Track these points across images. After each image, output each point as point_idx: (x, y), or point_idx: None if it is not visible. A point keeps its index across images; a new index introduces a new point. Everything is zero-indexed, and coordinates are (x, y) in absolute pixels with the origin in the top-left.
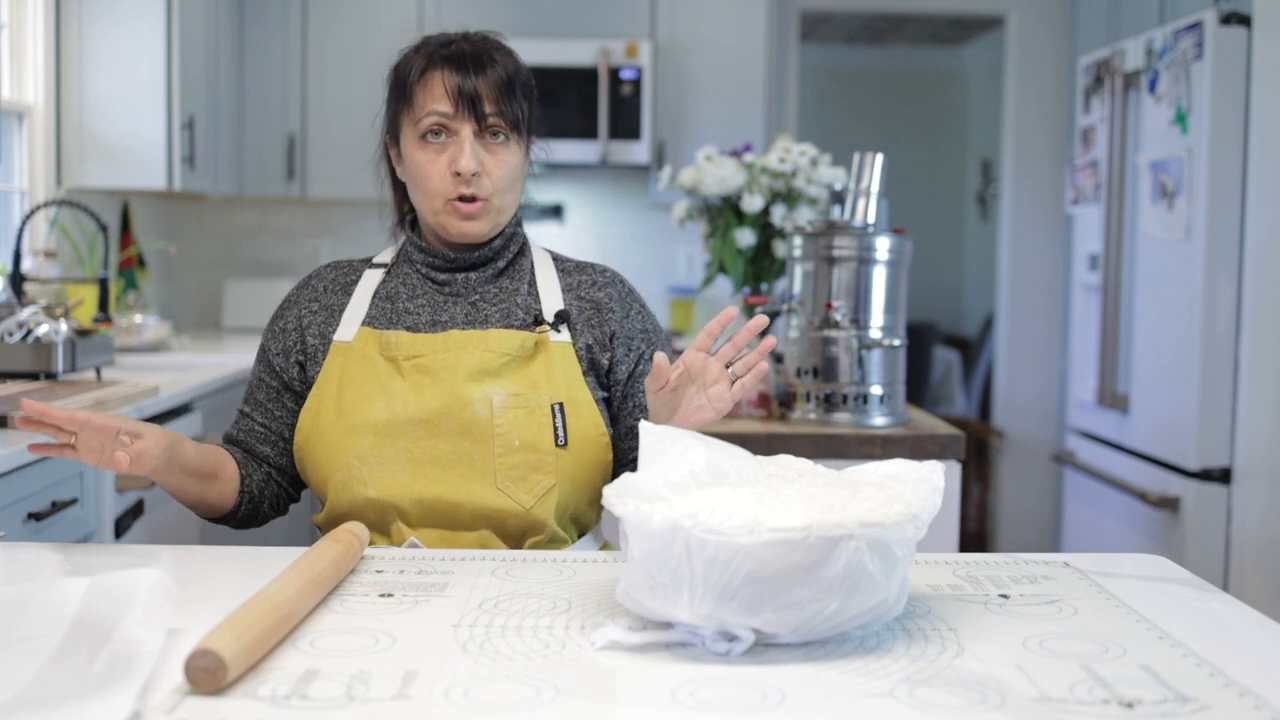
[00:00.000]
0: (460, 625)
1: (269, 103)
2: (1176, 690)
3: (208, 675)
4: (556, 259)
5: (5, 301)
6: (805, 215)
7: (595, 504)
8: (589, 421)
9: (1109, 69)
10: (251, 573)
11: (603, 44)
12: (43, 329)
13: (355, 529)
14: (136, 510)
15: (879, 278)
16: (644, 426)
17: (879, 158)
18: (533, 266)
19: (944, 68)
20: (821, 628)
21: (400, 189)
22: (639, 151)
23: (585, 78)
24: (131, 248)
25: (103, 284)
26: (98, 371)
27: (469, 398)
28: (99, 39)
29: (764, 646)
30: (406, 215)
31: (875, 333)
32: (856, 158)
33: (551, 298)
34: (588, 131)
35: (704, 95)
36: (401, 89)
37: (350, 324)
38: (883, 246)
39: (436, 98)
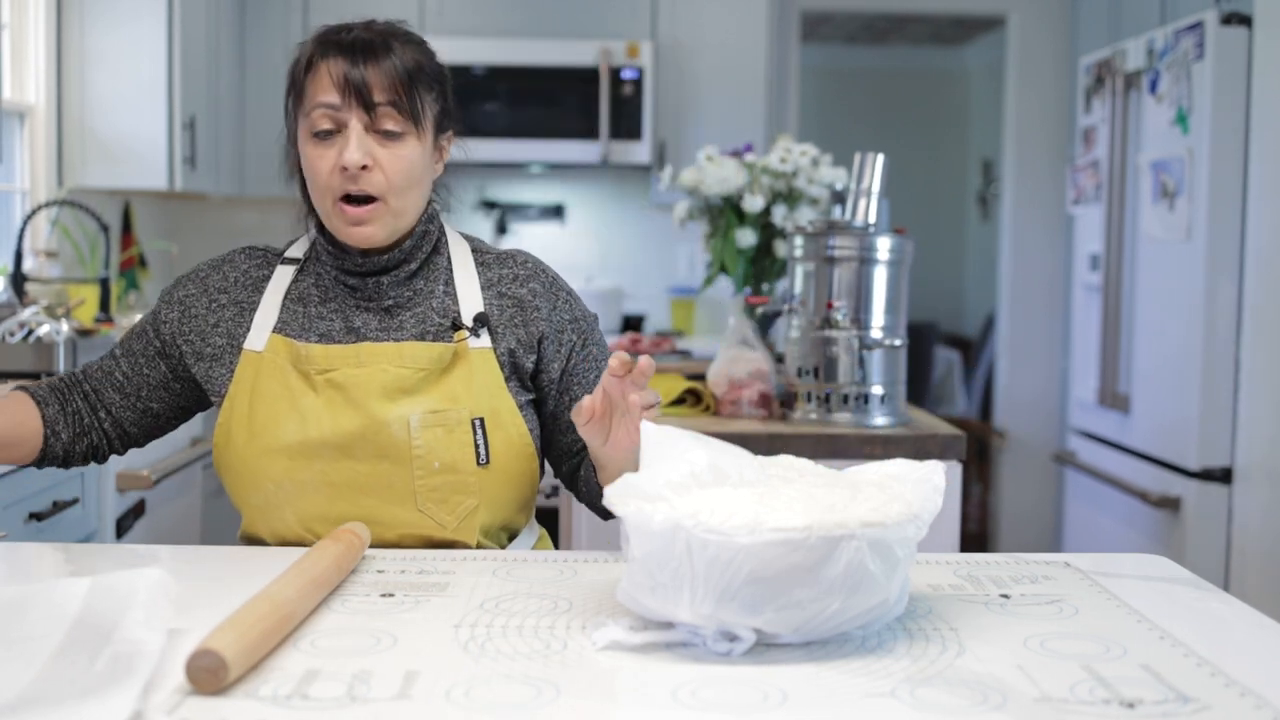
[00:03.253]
0: (461, 625)
1: (270, 102)
2: (1177, 690)
3: (209, 675)
4: (475, 250)
5: (6, 301)
6: (806, 215)
7: (525, 509)
8: (512, 433)
9: (1110, 69)
10: (253, 573)
11: (603, 44)
12: (44, 329)
13: (356, 529)
14: (138, 510)
15: (880, 278)
16: (645, 426)
17: (880, 158)
18: (449, 263)
19: (945, 68)
20: (823, 628)
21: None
22: (640, 152)
23: (586, 78)
24: (133, 248)
25: (104, 284)
26: None
27: (385, 418)
28: (100, 39)
29: (765, 646)
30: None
31: (876, 333)
32: (857, 158)
33: (470, 297)
34: (588, 132)
35: (705, 95)
36: (292, 82)
37: (261, 330)
38: (884, 246)
39: (324, 88)
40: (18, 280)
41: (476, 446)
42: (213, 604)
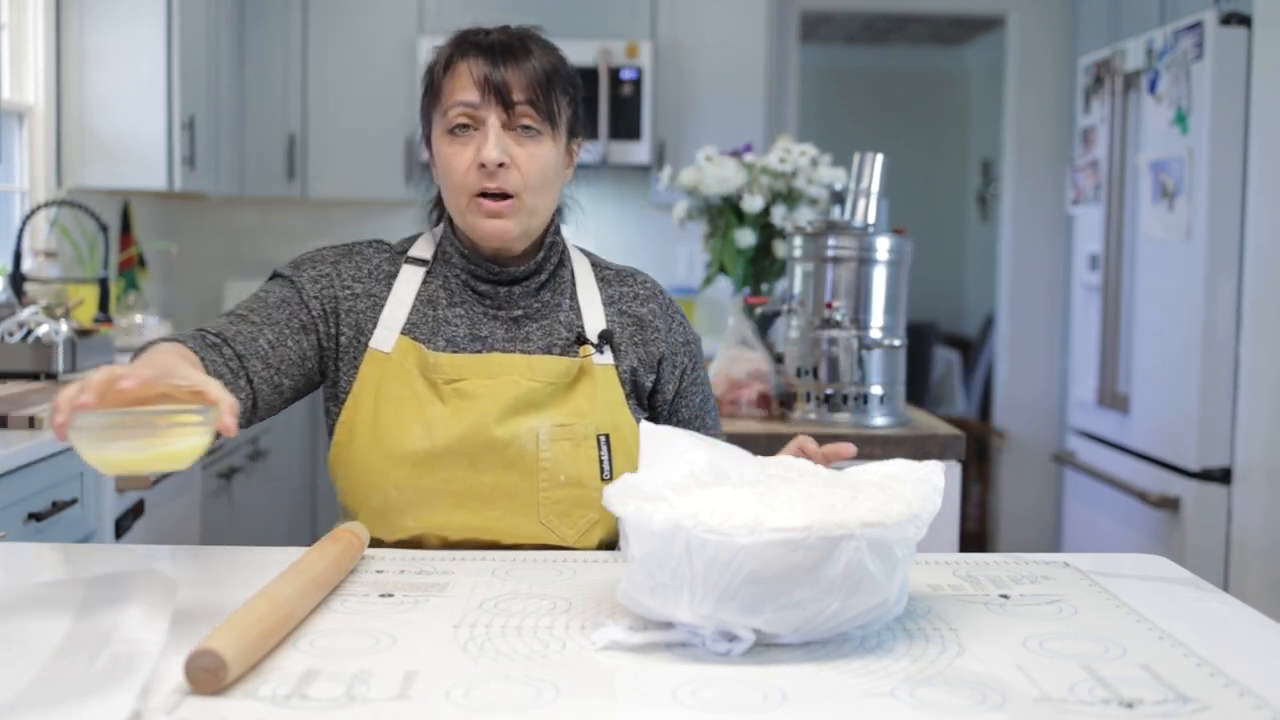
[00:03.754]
0: (460, 625)
1: (269, 102)
2: (1177, 690)
3: (208, 675)
4: (595, 265)
5: (5, 301)
6: (805, 215)
7: None
8: (633, 450)
9: (1109, 69)
10: (252, 573)
11: (603, 44)
12: (43, 329)
13: (356, 529)
14: (137, 510)
15: (879, 278)
16: (644, 427)
17: (879, 158)
18: (573, 276)
19: (944, 68)
20: (822, 628)
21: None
22: (639, 152)
23: (586, 78)
24: (132, 248)
25: (103, 284)
26: None
27: (514, 431)
28: (99, 39)
29: (765, 646)
30: (441, 213)
31: (875, 333)
32: (857, 158)
33: (593, 313)
34: (588, 132)
35: (704, 95)
36: (430, 81)
37: (389, 329)
38: (883, 246)
39: (463, 87)
40: (17, 280)
41: (601, 461)
42: (212, 604)
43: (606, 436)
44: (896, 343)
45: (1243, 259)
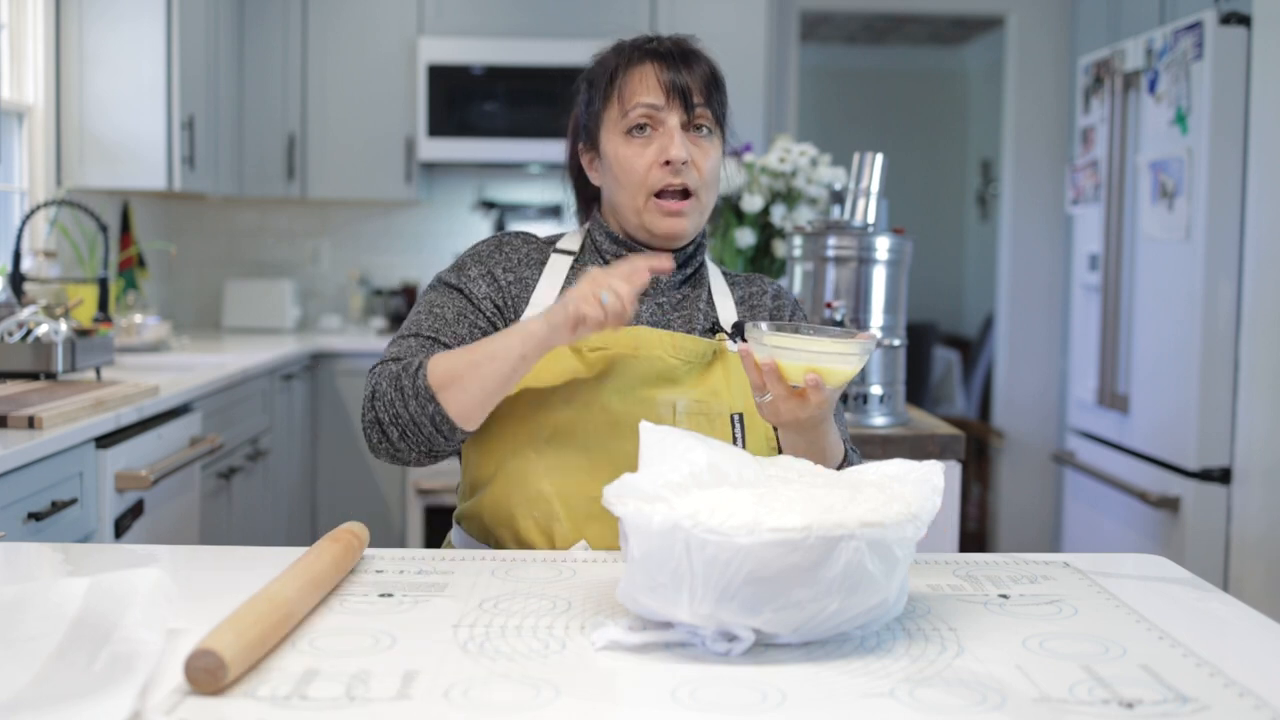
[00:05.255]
0: (460, 625)
1: (269, 103)
2: (1177, 690)
3: (208, 675)
4: (725, 273)
5: (5, 301)
6: (805, 215)
7: None
8: (763, 433)
9: (1109, 69)
10: (251, 572)
11: (602, 44)
12: (43, 329)
13: (355, 529)
14: (136, 510)
15: (879, 278)
16: (644, 426)
17: (879, 158)
18: (709, 277)
19: (944, 68)
20: (821, 628)
21: (584, 194)
22: None
23: None
24: (131, 248)
25: (103, 284)
26: (97, 371)
27: (652, 401)
28: (99, 39)
29: (764, 646)
30: (587, 215)
31: (875, 332)
32: (856, 158)
33: (726, 308)
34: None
35: None
36: (606, 85)
37: (539, 307)
38: (882, 246)
39: (648, 89)
40: (16, 280)
41: (735, 439)
42: (212, 604)
43: (741, 416)
44: (896, 342)
45: (1242, 259)
